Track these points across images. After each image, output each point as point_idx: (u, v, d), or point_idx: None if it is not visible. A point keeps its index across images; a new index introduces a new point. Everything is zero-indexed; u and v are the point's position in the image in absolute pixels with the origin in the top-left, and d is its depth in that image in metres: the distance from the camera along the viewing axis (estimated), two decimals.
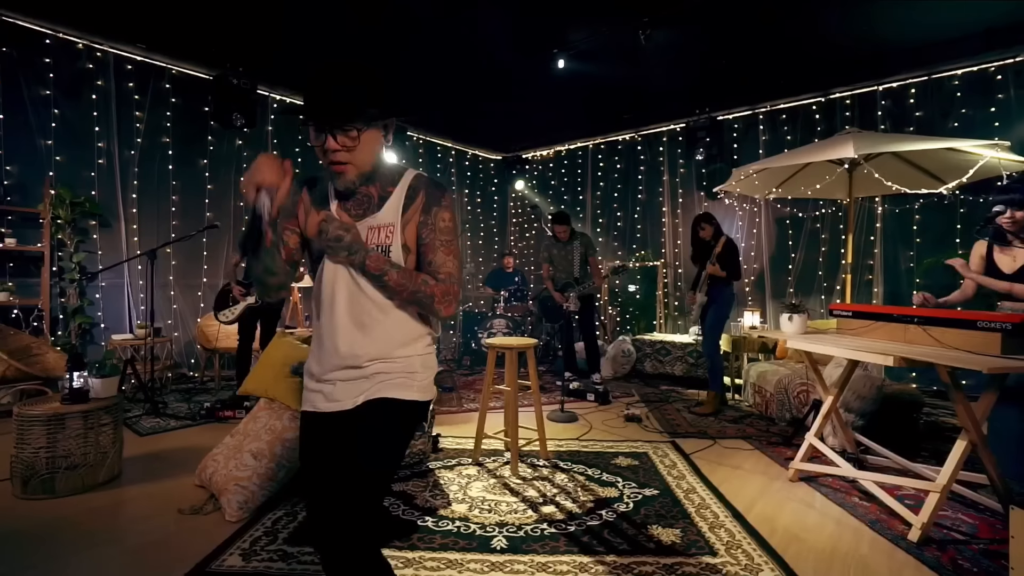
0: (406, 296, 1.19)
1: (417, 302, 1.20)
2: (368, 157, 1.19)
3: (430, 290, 1.20)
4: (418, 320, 1.26)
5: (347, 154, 1.15)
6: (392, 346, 1.22)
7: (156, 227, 4.92)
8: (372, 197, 1.25)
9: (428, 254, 1.24)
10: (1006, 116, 4.54)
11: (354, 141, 1.15)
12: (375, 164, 1.22)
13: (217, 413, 3.71)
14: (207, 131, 5.17)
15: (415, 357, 1.25)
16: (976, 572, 1.91)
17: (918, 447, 3.23)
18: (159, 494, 2.52)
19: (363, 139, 1.16)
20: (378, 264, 1.16)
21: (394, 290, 1.18)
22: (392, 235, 1.21)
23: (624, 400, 4.62)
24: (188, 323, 5.11)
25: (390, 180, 1.26)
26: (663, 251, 6.74)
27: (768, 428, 3.75)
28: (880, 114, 5.07)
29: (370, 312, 1.20)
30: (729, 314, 4.25)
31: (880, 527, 2.24)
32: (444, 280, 1.22)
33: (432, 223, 1.24)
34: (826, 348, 2.42)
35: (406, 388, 1.21)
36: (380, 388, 1.19)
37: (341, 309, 1.20)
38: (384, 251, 1.20)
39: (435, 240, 1.23)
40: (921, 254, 4.85)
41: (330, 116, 1.13)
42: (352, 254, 1.15)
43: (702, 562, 1.96)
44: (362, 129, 1.15)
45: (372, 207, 1.24)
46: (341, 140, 1.14)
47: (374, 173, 1.24)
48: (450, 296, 1.22)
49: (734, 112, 6.00)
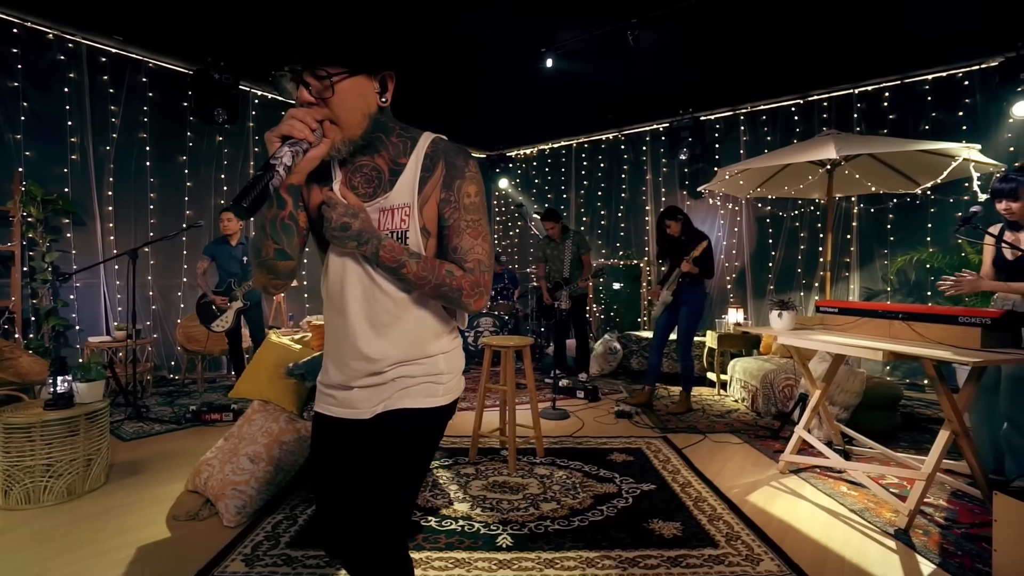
0: (428, 291, 1.02)
1: (441, 296, 1.03)
2: (353, 115, 0.99)
3: (456, 283, 1.02)
4: (442, 314, 1.10)
5: (324, 109, 0.96)
6: (413, 347, 1.07)
7: (133, 226, 4.76)
8: (382, 172, 1.06)
9: (452, 238, 1.05)
10: (972, 120, 4.75)
11: (327, 89, 0.95)
12: (370, 127, 1.02)
13: (203, 416, 3.63)
14: (186, 127, 5.02)
15: (439, 356, 1.10)
16: (960, 555, 2.01)
17: (897, 437, 3.37)
18: (150, 501, 2.45)
19: (341, 89, 0.96)
20: (393, 254, 0.99)
21: (414, 284, 1.01)
22: (408, 218, 1.03)
23: (613, 397, 4.68)
24: (167, 324, 4.97)
25: (401, 150, 1.06)
26: (646, 249, 6.83)
27: (755, 422, 3.85)
28: (856, 116, 5.24)
29: (388, 309, 1.04)
30: (703, 315, 4.20)
31: (869, 515, 2.33)
32: (472, 269, 1.04)
33: (455, 200, 1.05)
34: (816, 344, 2.50)
35: (430, 395, 1.08)
36: (402, 396, 1.06)
37: (353, 307, 1.05)
38: (400, 238, 1.03)
39: (460, 221, 1.05)
40: (895, 252, 5.04)
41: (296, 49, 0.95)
42: (362, 244, 0.98)
43: (704, 554, 2.01)
44: (336, 74, 0.95)
45: (383, 184, 1.05)
46: (314, 87, 0.96)
47: (376, 140, 1.05)
48: (480, 288, 1.04)
49: (716, 112, 6.12)
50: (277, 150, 0.90)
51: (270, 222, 1.00)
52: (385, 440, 1.05)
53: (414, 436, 1.07)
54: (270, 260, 1.03)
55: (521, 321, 6.67)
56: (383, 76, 1.03)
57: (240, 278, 4.28)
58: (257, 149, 5.52)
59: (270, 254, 1.02)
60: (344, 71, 0.96)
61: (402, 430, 1.05)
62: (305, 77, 0.96)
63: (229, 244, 4.32)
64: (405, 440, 1.06)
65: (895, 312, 2.51)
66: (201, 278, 4.30)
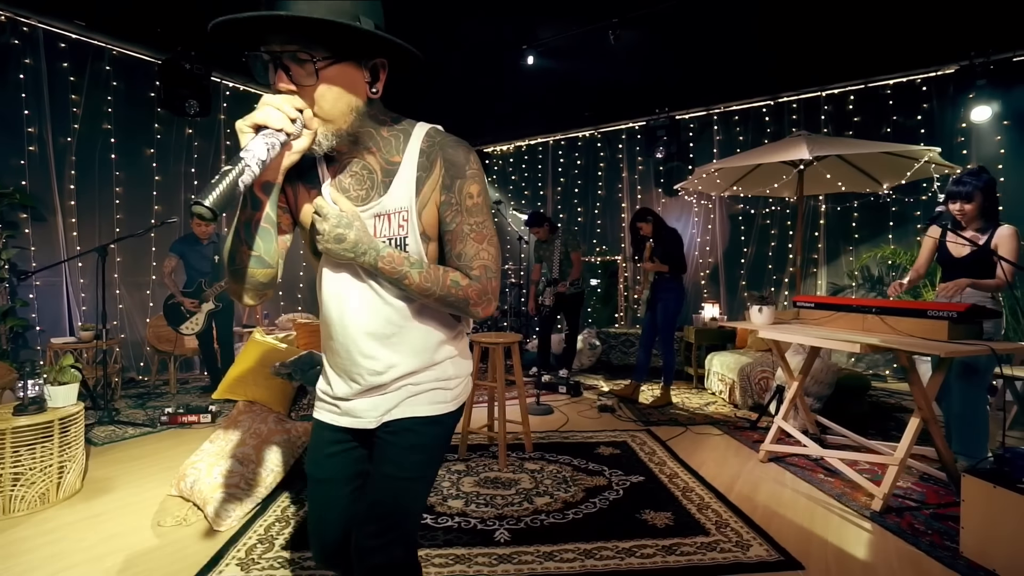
0: (432, 302, 0.96)
1: (447, 306, 0.97)
2: (338, 106, 0.88)
3: (463, 292, 0.95)
4: (448, 319, 1.05)
5: (304, 97, 0.86)
6: (420, 356, 1.01)
7: (98, 221, 4.55)
8: (374, 172, 0.97)
9: (456, 244, 0.97)
10: (930, 124, 5.01)
11: (311, 77, 0.85)
12: (356, 122, 0.92)
13: (179, 419, 3.51)
14: (154, 118, 4.82)
15: (447, 362, 1.04)
16: (931, 533, 2.14)
17: (866, 425, 3.54)
18: (131, 507, 2.37)
19: (325, 77, 0.86)
20: (393, 265, 0.92)
21: (417, 294, 0.94)
22: (407, 223, 0.95)
23: (595, 392, 4.75)
24: (136, 324, 4.78)
25: (394, 146, 0.97)
26: (622, 246, 6.95)
27: (734, 414, 3.98)
28: (823, 118, 5.45)
29: (391, 320, 0.98)
30: (680, 310, 4.28)
31: (846, 499, 2.45)
32: (479, 277, 0.96)
33: (457, 202, 0.96)
34: (798, 338, 2.61)
35: (439, 401, 1.03)
36: (409, 404, 1.01)
37: (354, 319, 0.98)
38: (399, 245, 0.96)
39: (463, 225, 0.97)
40: (859, 249, 5.28)
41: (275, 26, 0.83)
42: (359, 255, 0.91)
43: (697, 541, 2.08)
44: (322, 59, 0.85)
45: (376, 186, 0.96)
46: (295, 72, 0.85)
47: (366, 135, 0.95)
48: (488, 295, 0.98)
49: (691, 112, 6.26)
50: (250, 142, 0.78)
51: (244, 225, 0.88)
52: (394, 450, 1.00)
53: (424, 444, 1.02)
54: (245, 268, 0.91)
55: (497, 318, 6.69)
56: (375, 64, 0.92)
57: (212, 278, 4.14)
58: (229, 143, 5.35)
59: (246, 262, 0.91)
60: (330, 56, 0.85)
61: (412, 439, 1.00)
62: (284, 60, 0.85)
63: (200, 242, 4.18)
64: (415, 449, 1.01)
65: (869, 307, 2.64)
66: (168, 278, 4.14)
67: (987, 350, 2.13)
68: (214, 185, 0.71)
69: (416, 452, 1.01)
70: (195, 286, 4.13)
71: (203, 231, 4.16)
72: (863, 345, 2.24)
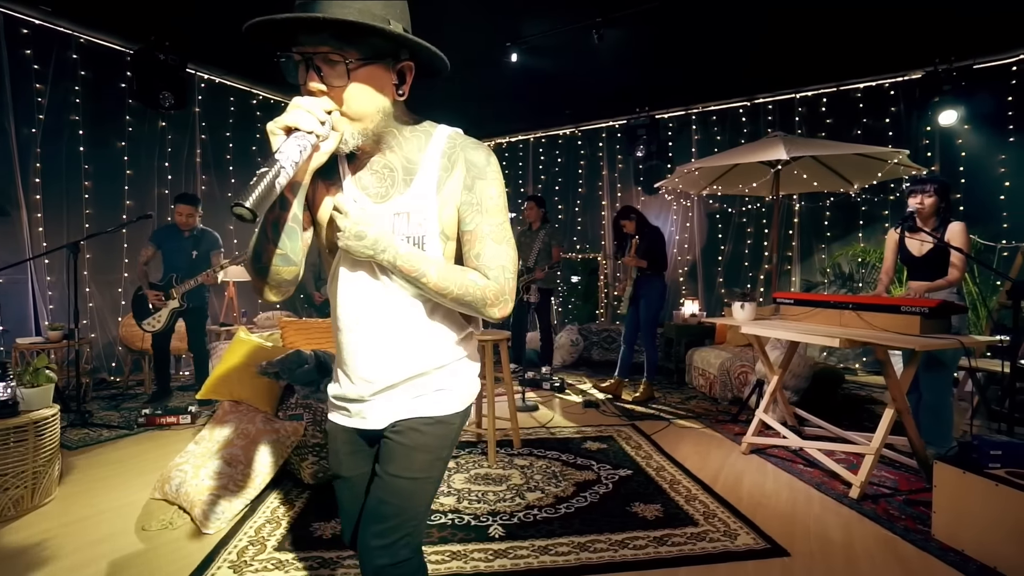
0: (449, 301, 0.96)
1: (463, 306, 0.97)
2: (366, 108, 0.90)
3: (480, 292, 0.96)
4: (459, 319, 1.06)
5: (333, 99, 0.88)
6: (433, 355, 1.02)
7: (66, 216, 4.36)
8: (395, 170, 0.98)
9: (474, 244, 0.98)
10: (897, 127, 5.21)
11: (341, 77, 0.86)
12: (382, 122, 0.93)
13: (157, 420, 3.41)
14: (125, 110, 4.65)
15: (456, 362, 1.05)
16: (904, 518, 2.25)
17: (840, 416, 3.68)
18: (112, 512, 2.30)
19: (357, 77, 0.87)
20: (412, 263, 0.92)
21: (434, 293, 0.95)
22: (426, 222, 0.96)
23: (578, 388, 4.80)
24: (107, 323, 4.61)
25: (415, 145, 0.99)
26: (602, 244, 7.02)
27: (715, 407, 4.09)
28: (797, 120, 5.61)
29: (406, 318, 0.99)
30: (662, 307, 4.38)
31: (825, 488, 2.55)
32: (497, 277, 0.98)
33: (477, 203, 0.98)
34: (780, 333, 2.69)
35: (448, 400, 1.03)
36: (417, 404, 1.01)
37: (369, 317, 0.99)
38: (417, 243, 0.96)
39: (482, 225, 0.98)
40: (831, 246, 5.46)
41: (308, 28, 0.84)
42: (379, 253, 0.91)
43: (686, 532, 2.13)
44: (355, 60, 0.86)
45: (397, 184, 0.97)
46: (326, 73, 0.86)
47: (388, 135, 0.97)
48: (505, 296, 0.99)
49: (670, 111, 6.36)
50: (282, 144, 0.80)
51: (272, 225, 0.89)
52: (401, 450, 1.00)
53: (430, 444, 1.02)
54: (272, 267, 0.92)
55: None
56: (402, 67, 0.94)
57: (184, 275, 3.93)
58: (204, 136, 5.20)
59: (272, 260, 0.91)
60: (362, 58, 0.87)
61: (419, 439, 1.01)
62: (316, 62, 0.86)
63: (180, 234, 4.00)
64: (422, 449, 1.01)
65: (846, 303, 2.74)
66: (141, 267, 3.94)
67: (957, 343, 2.24)
68: (253, 187, 0.74)
69: (423, 452, 1.01)
70: (166, 280, 3.95)
71: (185, 221, 3.96)
72: (842, 340, 2.33)
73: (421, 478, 1.02)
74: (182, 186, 5.00)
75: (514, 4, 4.10)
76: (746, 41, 4.64)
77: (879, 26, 4.29)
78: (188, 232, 4.02)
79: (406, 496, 1.00)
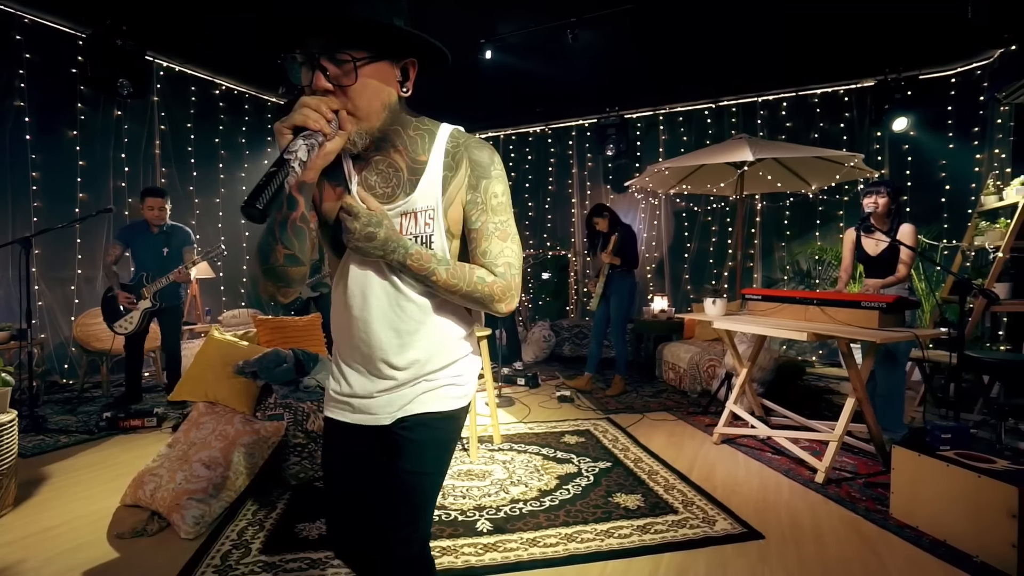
0: (457, 298, 0.99)
1: (472, 302, 1.00)
2: (373, 105, 0.91)
3: (488, 288, 0.98)
4: (464, 315, 1.08)
5: (342, 98, 0.88)
6: (439, 351, 1.03)
7: (10, 209, 4.09)
8: (400, 169, 0.98)
9: (481, 242, 1.00)
10: (851, 131, 5.51)
11: (348, 75, 0.87)
12: (388, 119, 0.94)
13: (121, 423, 3.26)
14: (76, 97, 4.39)
15: (461, 359, 1.07)
16: (865, 499, 2.40)
17: (802, 405, 3.88)
18: (80, 521, 2.20)
19: (364, 74, 0.88)
20: (421, 262, 0.94)
21: (442, 291, 0.97)
22: (433, 221, 0.97)
23: (552, 383, 4.87)
24: (59, 323, 4.36)
25: (419, 144, 0.99)
26: (572, 241, 7.12)
27: (685, 400, 4.23)
28: (759, 122, 5.84)
29: (413, 316, 1.00)
30: (633, 303, 4.51)
31: (793, 474, 2.69)
32: (503, 273, 1.00)
33: (483, 202, 1.00)
34: (749, 327, 2.82)
35: (452, 396, 1.05)
36: (424, 400, 1.02)
37: (377, 316, 0.99)
38: (425, 242, 0.98)
39: (488, 223, 1.00)
40: (791, 245, 5.73)
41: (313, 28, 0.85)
42: (388, 253, 0.92)
43: (668, 520, 2.22)
44: (362, 59, 0.87)
45: (403, 183, 0.98)
46: (332, 72, 0.87)
47: (393, 133, 0.97)
48: (512, 291, 1.01)
49: (639, 111, 6.50)
50: (290, 143, 0.80)
51: (280, 225, 0.89)
52: (411, 445, 1.01)
53: (438, 439, 1.04)
54: (280, 267, 0.91)
55: None
56: (406, 63, 0.95)
57: (155, 273, 3.74)
58: (164, 127, 4.97)
59: (280, 260, 0.91)
60: (368, 55, 0.87)
61: (427, 434, 1.02)
62: (322, 61, 0.86)
63: (150, 231, 3.77)
64: (431, 444, 1.03)
65: (810, 299, 2.90)
66: (110, 268, 3.72)
67: (912, 336, 2.41)
68: (262, 187, 0.74)
69: (431, 447, 1.03)
70: (136, 280, 3.74)
71: (156, 216, 3.73)
72: (810, 333, 2.46)
73: (431, 473, 1.04)
74: (140, 178, 4.77)
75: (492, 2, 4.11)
76: (712, 46, 4.80)
77: (835, 36, 4.52)
78: (158, 228, 3.79)
79: (417, 491, 1.02)
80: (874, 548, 2.01)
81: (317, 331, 3.30)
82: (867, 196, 3.19)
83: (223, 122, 5.40)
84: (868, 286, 3.25)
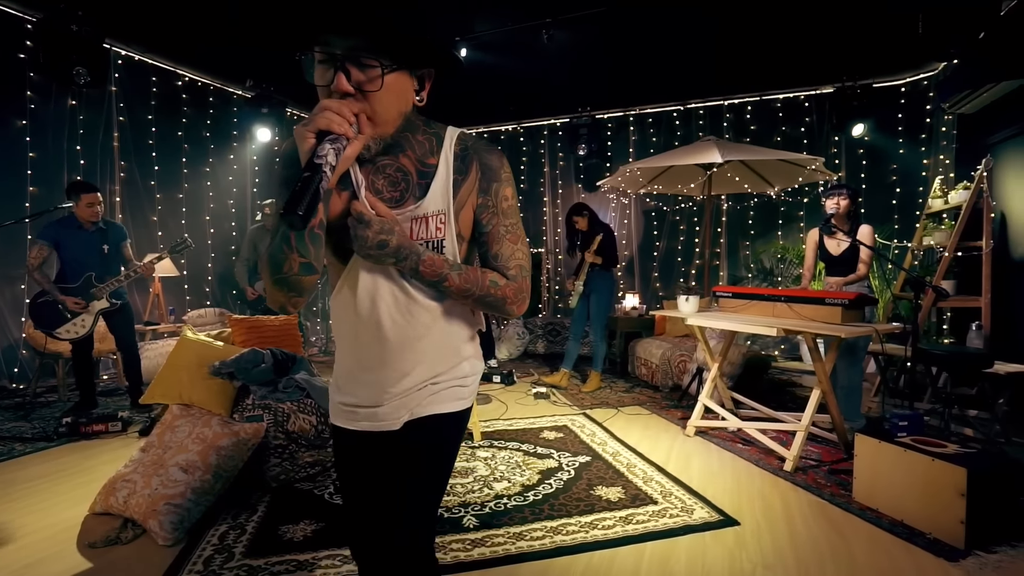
0: (470, 302, 0.99)
1: (484, 305, 1.00)
2: (391, 112, 0.90)
3: (501, 292, 0.99)
4: (470, 318, 1.09)
5: (362, 103, 0.87)
6: (447, 355, 1.04)
7: None
8: (408, 173, 0.97)
9: (492, 245, 1.01)
10: (811, 135, 5.77)
11: (374, 83, 0.85)
12: (402, 126, 0.94)
13: (82, 428, 3.11)
14: (26, 85, 4.13)
15: (466, 362, 1.08)
16: (830, 485, 2.54)
17: (768, 399, 4.05)
18: (45, 532, 2.10)
19: (389, 82, 0.87)
20: (434, 268, 0.93)
21: (455, 295, 0.97)
22: (444, 226, 0.97)
23: (526, 380, 4.92)
24: (7, 325, 4.11)
25: (427, 148, 0.98)
26: (544, 239, 7.19)
27: (657, 395, 4.35)
28: (725, 125, 6.04)
29: (423, 321, 0.99)
30: (612, 301, 4.61)
31: (763, 464, 2.82)
32: (515, 276, 1.00)
33: (493, 205, 1.00)
34: (722, 324, 2.93)
35: (458, 398, 1.06)
36: (431, 402, 1.03)
37: (387, 322, 0.98)
38: (436, 247, 0.97)
39: (499, 227, 1.00)
40: (755, 243, 5.95)
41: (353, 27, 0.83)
42: (400, 260, 0.91)
43: (648, 510, 2.29)
44: (389, 66, 0.86)
45: (411, 188, 0.97)
46: (355, 76, 0.86)
47: (403, 138, 0.97)
48: (523, 293, 1.02)
49: (610, 112, 6.61)
50: (318, 148, 0.79)
51: (296, 233, 0.86)
52: (417, 447, 1.02)
53: (445, 440, 1.05)
54: (293, 276, 0.89)
55: None
56: (423, 73, 0.95)
57: (100, 272, 3.50)
58: (123, 119, 4.74)
59: (294, 269, 0.88)
60: (394, 63, 0.87)
61: (434, 436, 1.03)
62: (348, 66, 0.85)
63: (83, 228, 3.48)
64: (437, 446, 1.04)
65: (779, 296, 3.04)
66: (39, 271, 3.40)
67: (872, 331, 2.57)
68: (300, 193, 0.74)
69: (437, 448, 1.05)
70: (81, 280, 3.46)
71: (93, 212, 3.47)
72: (779, 329, 2.58)
73: (436, 473, 1.05)
74: (98, 172, 4.54)
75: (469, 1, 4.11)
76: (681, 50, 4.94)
77: (796, 43, 4.72)
78: (92, 225, 3.51)
79: (424, 491, 1.03)
80: (840, 530, 2.14)
81: (294, 330, 3.24)
82: (829, 198, 3.36)
83: (186, 114, 5.18)
84: (830, 283, 3.43)
